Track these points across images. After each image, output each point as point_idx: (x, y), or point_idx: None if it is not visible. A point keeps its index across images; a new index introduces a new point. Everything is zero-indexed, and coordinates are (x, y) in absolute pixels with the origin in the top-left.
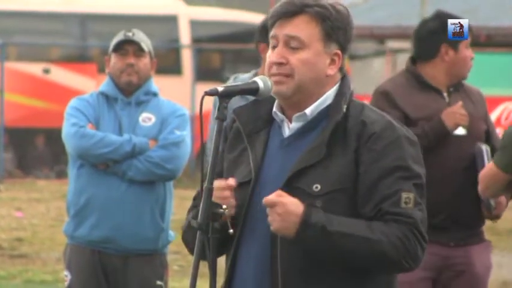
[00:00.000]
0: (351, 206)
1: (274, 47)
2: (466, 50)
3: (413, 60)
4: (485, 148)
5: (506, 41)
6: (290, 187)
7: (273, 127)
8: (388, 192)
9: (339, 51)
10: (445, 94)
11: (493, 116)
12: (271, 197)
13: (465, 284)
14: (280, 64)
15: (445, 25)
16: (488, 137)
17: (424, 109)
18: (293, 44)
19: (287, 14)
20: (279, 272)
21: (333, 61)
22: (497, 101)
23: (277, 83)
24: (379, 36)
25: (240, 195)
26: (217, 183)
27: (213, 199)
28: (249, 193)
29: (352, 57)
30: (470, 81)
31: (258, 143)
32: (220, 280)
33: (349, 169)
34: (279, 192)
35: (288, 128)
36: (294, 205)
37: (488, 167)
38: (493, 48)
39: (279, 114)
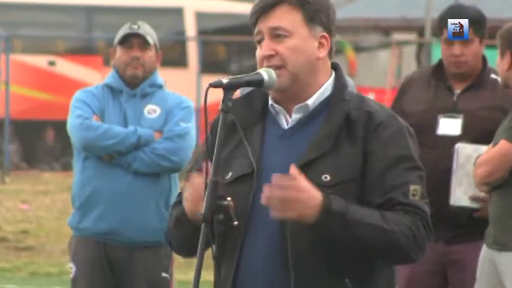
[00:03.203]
0: (359, 195)
1: (259, 42)
2: (443, 45)
3: None
4: (457, 146)
5: None
6: None
7: (267, 120)
8: (396, 183)
9: (325, 34)
10: (457, 91)
11: None
12: (283, 179)
13: (468, 279)
14: (270, 57)
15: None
16: None
17: (421, 104)
18: (278, 34)
19: (267, 7)
20: (290, 262)
21: (321, 44)
22: None
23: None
24: (385, 28)
25: (241, 188)
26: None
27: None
28: (254, 186)
29: (358, 50)
30: None
31: (254, 136)
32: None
33: (357, 159)
34: (293, 174)
35: (286, 120)
36: (315, 192)
37: (498, 147)
38: None
39: (276, 106)
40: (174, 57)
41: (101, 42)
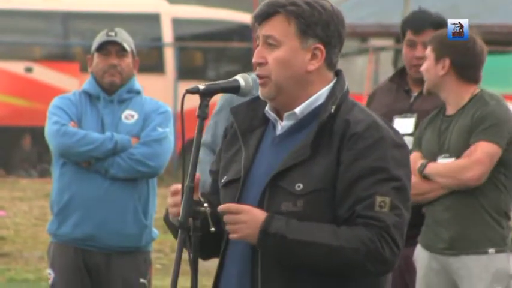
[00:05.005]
0: (333, 206)
1: (258, 47)
2: (406, 48)
3: None
4: None
5: (488, 38)
6: (273, 186)
7: (268, 126)
8: (363, 195)
9: (319, 45)
10: (414, 94)
11: None
12: (235, 205)
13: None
14: (260, 64)
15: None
16: None
17: (382, 109)
18: (269, 42)
19: (263, 16)
20: (259, 270)
21: (314, 56)
22: None
23: (260, 85)
24: (362, 34)
25: (229, 193)
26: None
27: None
28: (239, 191)
29: None
30: None
31: (251, 141)
32: (202, 279)
33: (331, 169)
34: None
35: (280, 127)
36: (258, 213)
37: (484, 148)
38: None
39: (271, 113)
40: (151, 63)
41: (78, 49)
